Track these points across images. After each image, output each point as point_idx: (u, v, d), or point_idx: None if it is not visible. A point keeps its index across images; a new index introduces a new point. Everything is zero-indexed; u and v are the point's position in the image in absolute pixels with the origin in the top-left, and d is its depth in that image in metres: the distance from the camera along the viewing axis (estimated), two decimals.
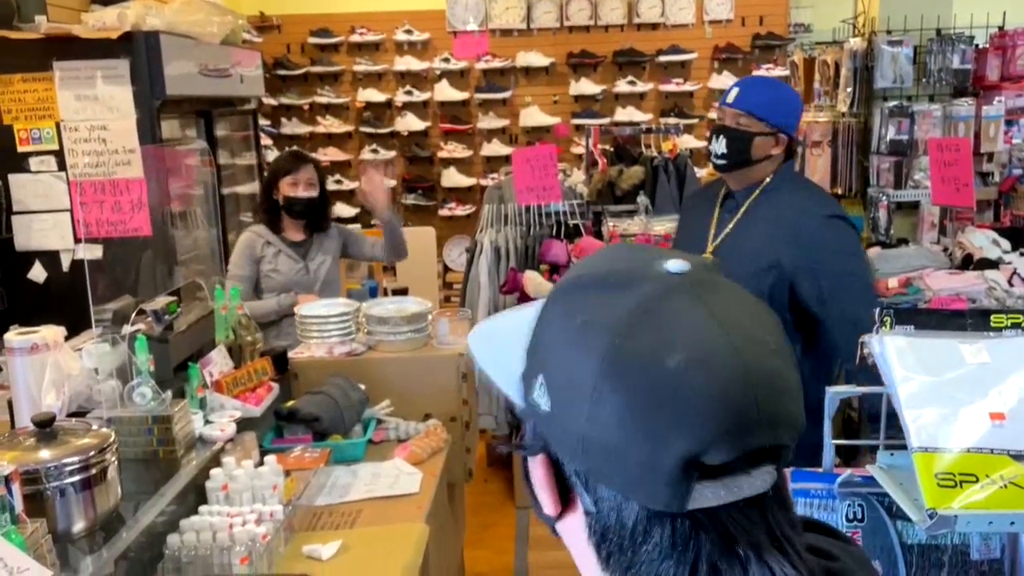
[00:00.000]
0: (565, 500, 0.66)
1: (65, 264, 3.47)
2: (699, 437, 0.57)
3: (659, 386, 0.58)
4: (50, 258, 3.50)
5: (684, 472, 0.58)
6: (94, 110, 3.39)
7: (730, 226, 2.28)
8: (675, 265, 0.63)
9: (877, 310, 1.27)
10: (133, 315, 2.18)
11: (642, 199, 4.16)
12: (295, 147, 4.09)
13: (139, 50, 3.34)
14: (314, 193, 3.32)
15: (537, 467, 0.67)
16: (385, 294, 6.07)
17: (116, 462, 1.76)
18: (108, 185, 2.98)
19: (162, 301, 2.27)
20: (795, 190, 2.28)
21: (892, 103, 4.09)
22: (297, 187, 3.28)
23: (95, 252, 3.38)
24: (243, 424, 2.33)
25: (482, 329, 0.78)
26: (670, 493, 0.58)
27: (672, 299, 0.61)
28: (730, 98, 2.23)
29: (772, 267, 2.17)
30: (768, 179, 2.26)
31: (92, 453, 1.68)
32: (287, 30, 7.04)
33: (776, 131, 2.22)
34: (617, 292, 0.62)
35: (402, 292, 6.16)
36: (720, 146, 2.24)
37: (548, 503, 0.67)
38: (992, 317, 1.28)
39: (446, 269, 6.92)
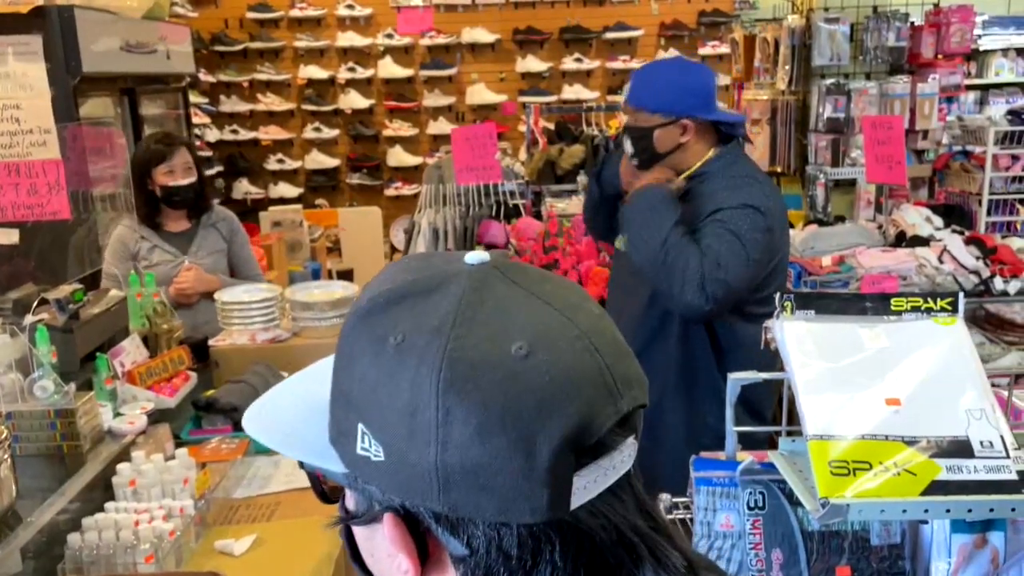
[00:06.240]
0: (424, 557, 0.59)
1: None
2: (569, 418, 0.54)
3: (510, 379, 0.54)
4: None
5: (561, 463, 0.54)
6: (6, 88, 3.23)
7: None
8: (474, 257, 0.61)
9: (778, 295, 1.25)
10: (35, 304, 2.08)
11: (582, 179, 4.13)
12: (164, 130, 3.82)
13: (52, 25, 3.20)
14: (193, 178, 3.06)
15: (385, 529, 0.59)
16: (329, 276, 5.98)
17: (9, 459, 1.69)
18: (23, 166, 2.85)
19: (66, 289, 2.18)
20: (719, 180, 2.05)
21: (829, 81, 4.10)
22: (175, 174, 3.02)
23: (11, 237, 3.24)
24: (159, 416, 2.25)
25: (255, 413, 0.66)
26: (552, 496, 0.54)
27: (488, 289, 0.58)
28: (624, 95, 2.13)
29: None
30: (696, 167, 2.07)
31: None
32: (225, 4, 6.85)
33: (675, 119, 2.03)
34: (428, 298, 0.58)
35: (347, 274, 6.09)
36: (629, 146, 2.11)
37: (405, 564, 0.59)
38: (892, 301, 1.26)
39: (393, 250, 6.84)
